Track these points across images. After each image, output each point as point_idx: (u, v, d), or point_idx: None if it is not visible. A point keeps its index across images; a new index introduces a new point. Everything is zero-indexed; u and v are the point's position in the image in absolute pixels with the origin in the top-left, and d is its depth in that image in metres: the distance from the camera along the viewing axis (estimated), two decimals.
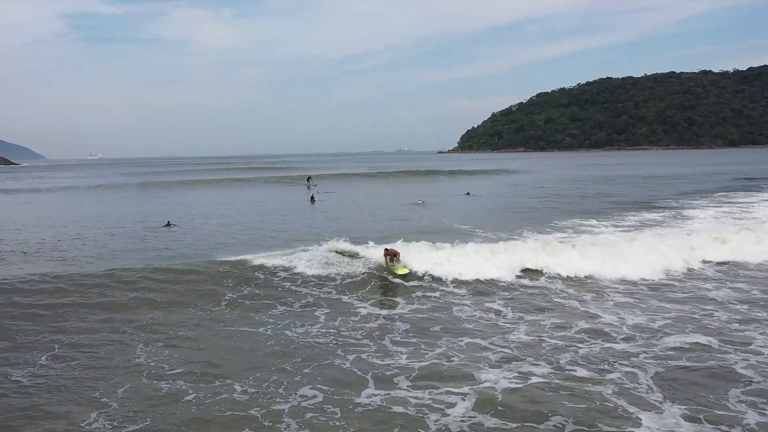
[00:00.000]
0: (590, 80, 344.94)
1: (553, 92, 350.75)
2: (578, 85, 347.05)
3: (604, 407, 9.01)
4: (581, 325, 12.95)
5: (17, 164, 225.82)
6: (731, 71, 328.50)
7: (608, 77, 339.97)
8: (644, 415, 8.75)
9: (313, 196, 43.67)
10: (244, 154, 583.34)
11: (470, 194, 45.63)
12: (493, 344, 11.78)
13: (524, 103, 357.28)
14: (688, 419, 8.64)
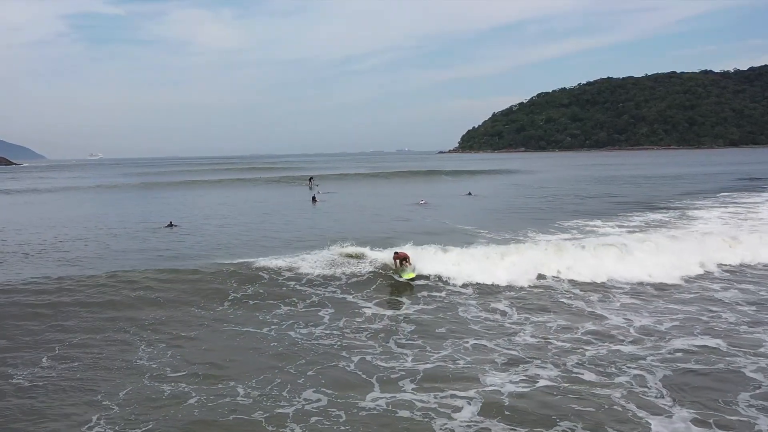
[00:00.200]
0: (591, 80, 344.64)
1: (553, 92, 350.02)
2: (579, 85, 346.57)
3: (612, 411, 8.88)
4: (588, 326, 12.82)
5: (18, 164, 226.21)
6: (732, 71, 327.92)
7: (609, 77, 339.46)
8: (654, 419, 8.62)
9: (314, 196, 43.60)
10: (244, 154, 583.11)
11: (471, 194, 45.53)
12: (498, 346, 11.66)
13: (525, 103, 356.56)
14: (698, 423, 8.52)
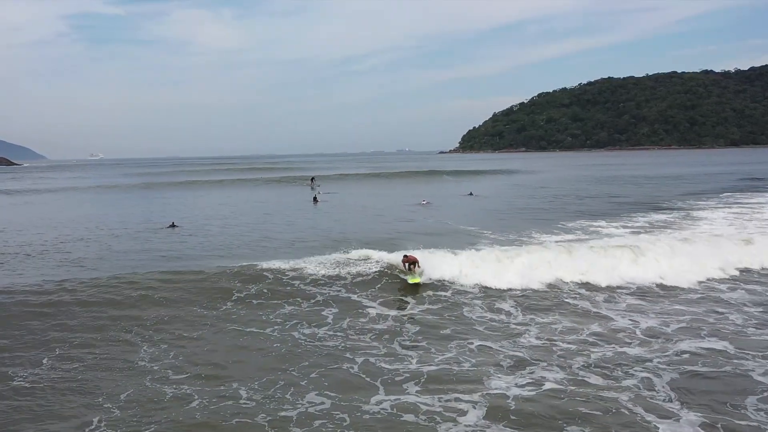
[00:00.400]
0: (591, 80, 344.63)
1: (554, 92, 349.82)
2: (580, 85, 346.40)
3: (620, 415, 8.76)
4: (593, 328, 12.70)
5: (18, 164, 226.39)
6: (733, 71, 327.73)
7: (610, 77, 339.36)
8: (662, 424, 8.51)
9: (315, 196, 43.51)
10: (245, 154, 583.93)
11: (473, 195, 45.41)
12: (503, 348, 11.54)
13: (525, 103, 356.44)
14: (706, 428, 8.41)
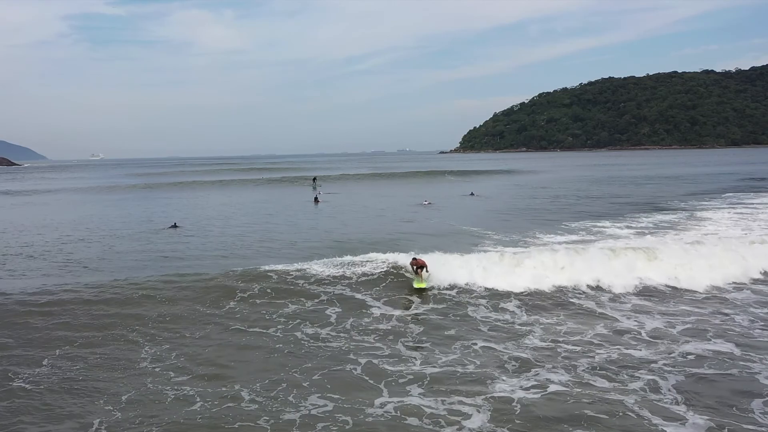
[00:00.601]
0: (592, 80, 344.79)
1: (555, 92, 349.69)
2: (580, 84, 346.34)
3: (626, 418, 8.65)
4: (598, 329, 12.59)
5: (19, 165, 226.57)
6: (734, 71, 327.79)
7: (610, 77, 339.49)
8: (669, 427, 8.40)
9: (316, 196, 43.46)
10: (246, 154, 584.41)
11: (474, 195, 45.32)
12: (508, 349, 11.44)
13: (526, 103, 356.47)
14: None
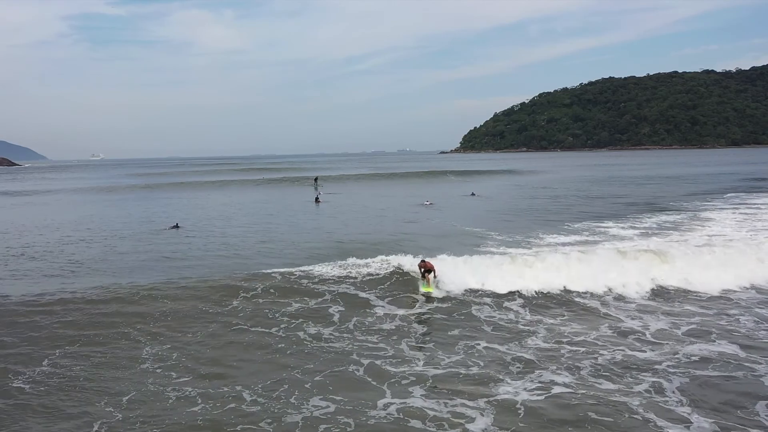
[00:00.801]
0: (593, 80, 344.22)
1: (555, 92, 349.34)
2: (581, 84, 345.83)
3: (631, 421, 8.57)
4: (603, 330, 12.51)
5: (20, 165, 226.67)
6: (734, 71, 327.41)
7: (611, 77, 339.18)
8: (673, 429, 8.32)
9: (317, 197, 43.44)
10: (246, 154, 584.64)
11: (475, 195, 45.26)
12: (511, 350, 11.36)
13: (526, 103, 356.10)
14: None
